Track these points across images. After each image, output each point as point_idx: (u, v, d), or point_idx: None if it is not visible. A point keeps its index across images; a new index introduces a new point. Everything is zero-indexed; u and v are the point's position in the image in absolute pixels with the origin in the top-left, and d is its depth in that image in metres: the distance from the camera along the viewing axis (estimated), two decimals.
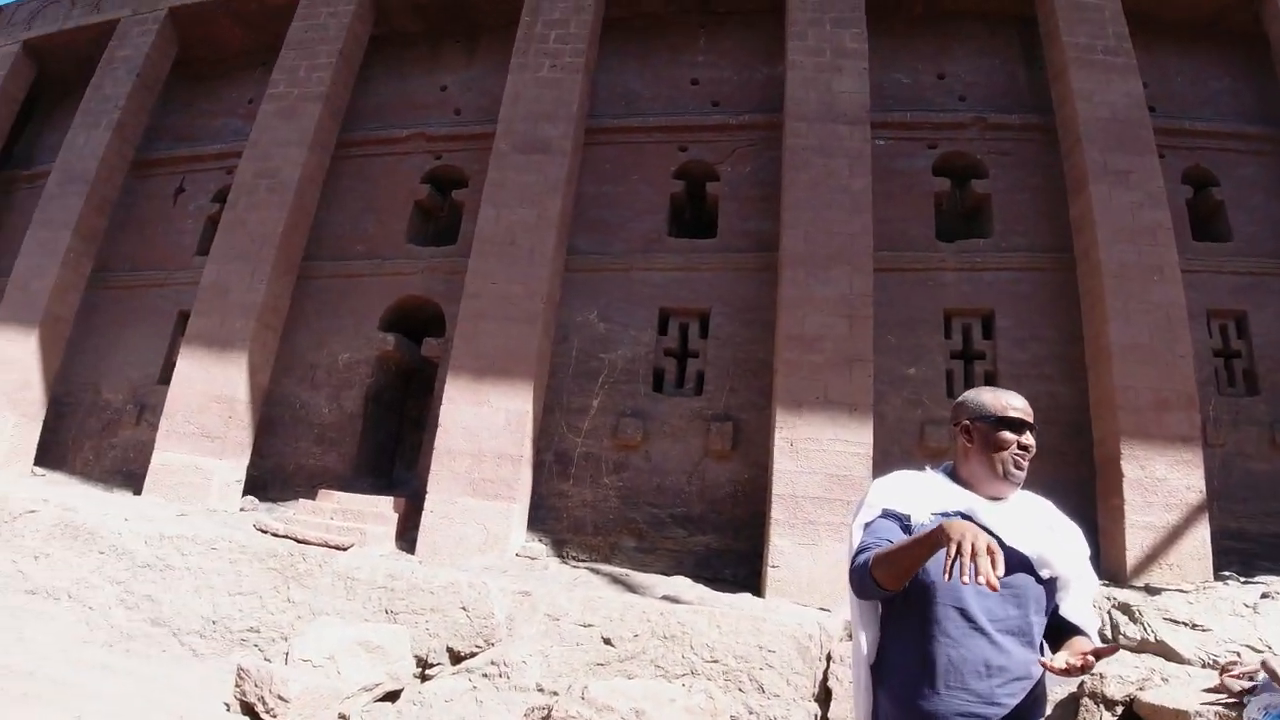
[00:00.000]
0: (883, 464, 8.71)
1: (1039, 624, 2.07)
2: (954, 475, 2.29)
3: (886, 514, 2.19)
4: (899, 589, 2.01)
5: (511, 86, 10.97)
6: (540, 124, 10.56)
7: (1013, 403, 2.23)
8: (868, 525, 2.20)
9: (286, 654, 5.12)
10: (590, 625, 5.50)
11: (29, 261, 12.15)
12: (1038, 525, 2.12)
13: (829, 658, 5.31)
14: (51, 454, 11.90)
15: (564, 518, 9.43)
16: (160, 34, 13.53)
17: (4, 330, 11.74)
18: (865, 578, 2.02)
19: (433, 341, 10.70)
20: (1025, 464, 2.17)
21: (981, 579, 1.65)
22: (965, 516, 2.10)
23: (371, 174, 12.24)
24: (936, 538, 1.81)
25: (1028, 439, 2.19)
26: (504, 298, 9.66)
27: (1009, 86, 10.94)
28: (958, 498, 2.18)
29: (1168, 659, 5.58)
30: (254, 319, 10.54)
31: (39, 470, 11.44)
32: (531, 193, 10.16)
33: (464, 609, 5.65)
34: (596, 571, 8.34)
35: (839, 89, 10.03)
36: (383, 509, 9.37)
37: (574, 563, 8.93)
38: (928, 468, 2.35)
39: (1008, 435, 2.19)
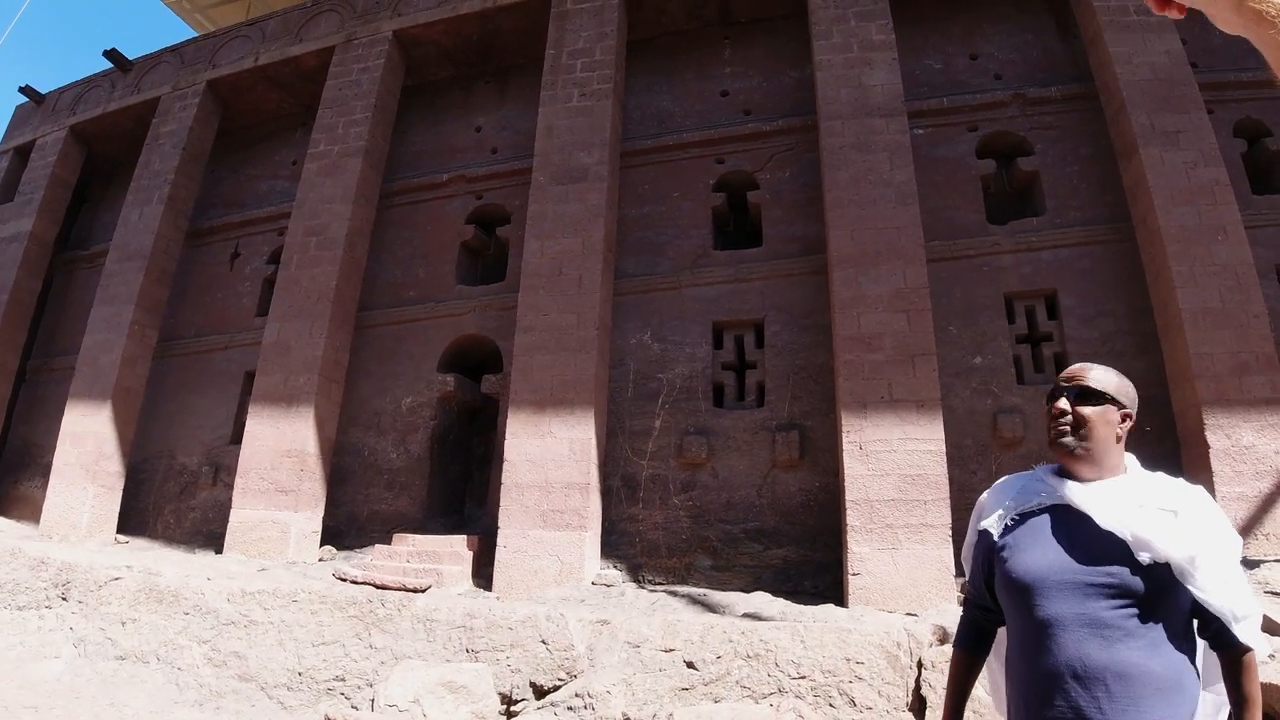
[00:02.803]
0: (957, 459, 8.51)
1: (1148, 619, 1.77)
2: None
3: (980, 536, 2.19)
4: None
5: (544, 119, 11.06)
6: (576, 153, 10.62)
7: (1062, 374, 2.11)
8: (968, 553, 2.28)
9: (372, 700, 5.13)
10: (672, 650, 5.40)
11: (95, 338, 12.61)
12: (1132, 503, 1.88)
13: (920, 665, 5.12)
14: (133, 521, 12.26)
15: (637, 542, 9.35)
16: (201, 106, 14.04)
17: (78, 405, 12.19)
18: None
19: (491, 378, 10.79)
20: (1062, 430, 2.01)
21: None
22: (1057, 507, 1.98)
23: (417, 220, 12.45)
24: None
25: (1057, 404, 2.04)
26: (556, 328, 9.68)
27: (1045, 59, 10.66)
28: (1051, 489, 2.03)
29: (1272, 634, 5.26)
30: (316, 373, 10.75)
31: (122, 538, 11.78)
32: (574, 221, 10.20)
33: (544, 642, 5.60)
34: (674, 594, 8.24)
35: (870, 83, 9.90)
36: (457, 548, 9.41)
37: (651, 586, 8.84)
38: (1037, 466, 2.19)
39: (1049, 406, 2.09)
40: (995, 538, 2.08)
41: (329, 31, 13.55)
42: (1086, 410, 2.00)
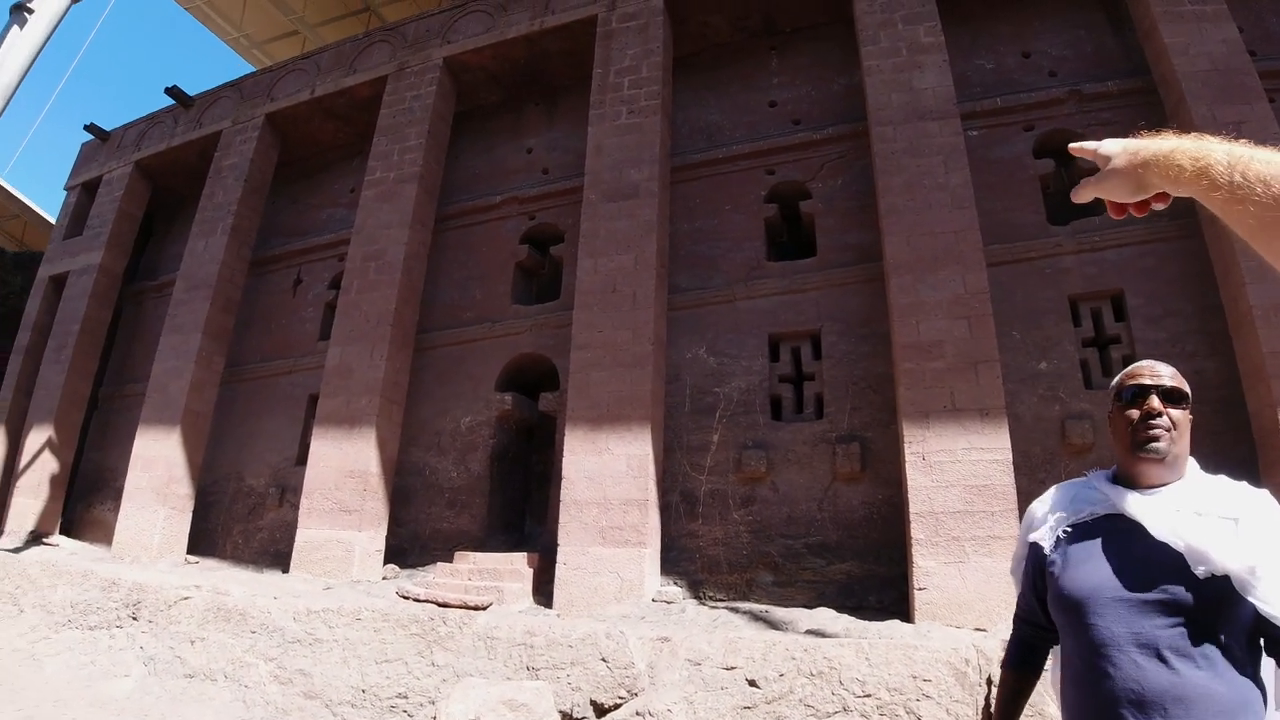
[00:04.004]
0: (1024, 468, 8.25)
1: (1208, 638, 1.63)
2: (1118, 472, 1.99)
3: (1029, 549, 2.09)
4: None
5: (593, 138, 11.14)
6: (626, 170, 10.66)
7: (1138, 370, 1.95)
8: (1016, 566, 2.22)
9: (434, 717, 5.14)
10: (733, 668, 5.32)
11: (164, 365, 13.03)
12: (1189, 511, 1.75)
13: (990, 682, 4.96)
14: (203, 542, 12.58)
15: (697, 558, 9.28)
16: (261, 139, 14.45)
17: (148, 431, 12.58)
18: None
19: (548, 396, 10.84)
20: (1156, 433, 1.84)
21: None
22: (1111, 517, 1.86)
23: (471, 242, 12.61)
24: None
25: (1152, 403, 1.86)
26: (611, 345, 9.69)
27: (1099, 54, 10.36)
28: (1105, 498, 1.90)
29: None
30: (378, 395, 10.93)
31: (192, 558, 12.08)
32: (626, 238, 10.22)
33: (604, 660, 5.56)
34: (735, 610, 8.14)
35: (921, 86, 9.76)
36: (517, 565, 9.45)
37: (712, 603, 8.75)
38: (1090, 472, 2.06)
39: (1129, 408, 1.91)
40: (1046, 551, 1.96)
41: (381, 61, 13.86)
42: (1176, 413, 1.87)
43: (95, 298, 15.08)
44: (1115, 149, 1.36)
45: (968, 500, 7.73)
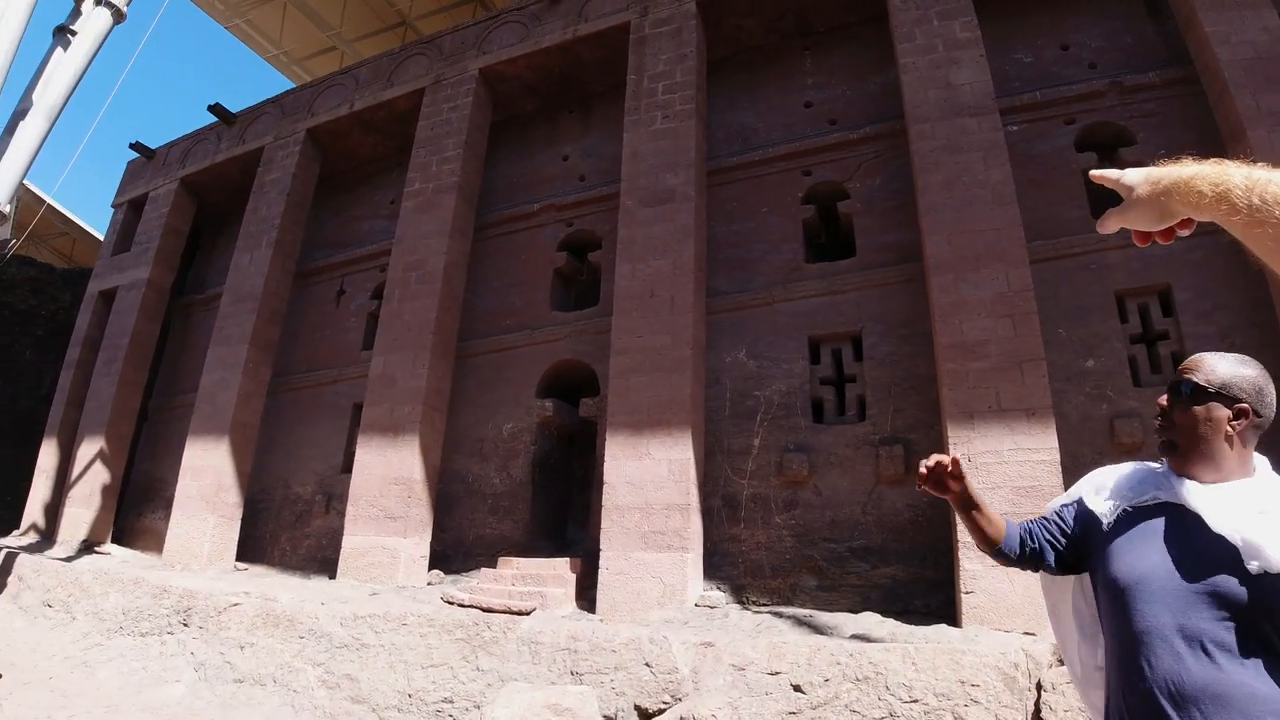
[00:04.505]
0: (1072, 469, 8.07)
1: (1255, 636, 1.58)
2: None
3: (1079, 507, 2.07)
4: (989, 550, 2.20)
5: (629, 144, 11.17)
6: (662, 175, 10.67)
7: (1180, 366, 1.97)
8: (1055, 505, 2.19)
9: None
10: (778, 673, 5.29)
11: (213, 376, 13.32)
12: (1252, 508, 1.69)
13: (1039, 687, 4.87)
14: (251, 548, 12.81)
15: (739, 562, 9.23)
16: (302, 154, 14.72)
17: (198, 441, 12.86)
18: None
19: (588, 401, 10.87)
20: (1162, 434, 1.92)
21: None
22: (1170, 506, 1.83)
23: (510, 250, 12.71)
24: None
25: (1159, 402, 1.95)
26: (651, 350, 9.69)
27: (1139, 44, 10.13)
28: (1167, 487, 1.86)
29: None
30: (420, 403, 11.05)
31: (240, 565, 12.31)
32: (663, 243, 10.23)
33: (647, 665, 5.56)
34: (779, 615, 8.08)
35: (958, 82, 9.64)
36: (560, 570, 9.48)
37: (755, 608, 8.70)
38: (1155, 463, 2.03)
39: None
40: (1103, 527, 1.95)
41: (418, 74, 14.04)
42: (1182, 409, 1.88)
43: (144, 311, 15.44)
44: (1137, 179, 1.36)
45: (1015, 502, 7.59)
